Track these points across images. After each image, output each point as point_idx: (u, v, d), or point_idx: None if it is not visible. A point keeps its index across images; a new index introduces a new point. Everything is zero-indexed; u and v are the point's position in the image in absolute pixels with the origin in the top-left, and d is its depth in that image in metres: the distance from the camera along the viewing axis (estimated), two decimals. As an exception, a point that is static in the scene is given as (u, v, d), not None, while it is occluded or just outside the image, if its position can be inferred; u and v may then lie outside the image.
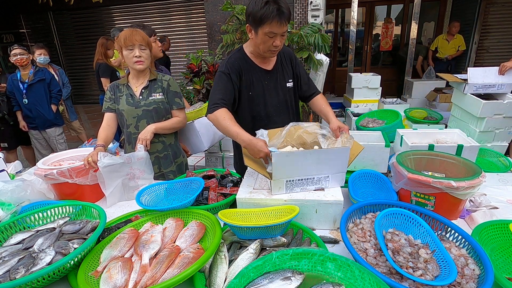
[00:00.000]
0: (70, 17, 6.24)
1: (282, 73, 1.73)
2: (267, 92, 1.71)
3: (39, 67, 3.56)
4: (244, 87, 1.66)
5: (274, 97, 1.73)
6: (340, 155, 1.25)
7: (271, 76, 1.70)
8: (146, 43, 1.76)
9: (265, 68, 1.69)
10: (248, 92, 1.68)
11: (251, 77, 1.65)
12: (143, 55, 1.75)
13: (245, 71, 1.63)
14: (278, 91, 1.73)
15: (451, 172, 1.38)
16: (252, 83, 1.67)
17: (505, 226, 1.10)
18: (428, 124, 3.28)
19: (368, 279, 0.82)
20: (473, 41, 6.02)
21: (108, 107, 1.87)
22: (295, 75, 1.78)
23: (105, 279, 0.91)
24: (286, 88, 1.75)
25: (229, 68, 1.60)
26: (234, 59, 1.63)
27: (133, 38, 1.70)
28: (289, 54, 1.77)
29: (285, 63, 1.75)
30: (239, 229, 1.06)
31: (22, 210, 1.38)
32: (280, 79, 1.73)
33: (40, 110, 3.54)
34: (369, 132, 2.61)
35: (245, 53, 1.66)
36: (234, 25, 3.87)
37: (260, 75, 1.68)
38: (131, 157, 1.62)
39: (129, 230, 1.16)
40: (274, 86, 1.72)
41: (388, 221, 1.09)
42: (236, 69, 1.61)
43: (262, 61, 1.67)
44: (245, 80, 1.65)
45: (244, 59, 1.65)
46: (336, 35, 7.55)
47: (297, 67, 1.78)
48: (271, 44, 1.48)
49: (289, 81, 1.75)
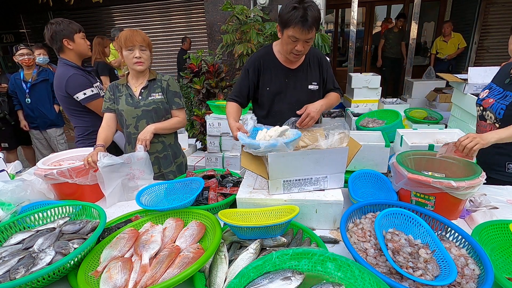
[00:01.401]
0: (70, 17, 6.23)
1: (306, 74, 1.73)
2: (286, 89, 1.72)
3: (42, 67, 3.57)
4: (263, 82, 1.73)
5: (292, 96, 1.73)
6: (338, 155, 1.24)
7: (293, 74, 1.72)
8: (147, 44, 1.76)
9: (289, 66, 1.71)
10: (266, 87, 1.73)
11: (272, 73, 1.71)
12: (143, 56, 1.76)
13: (266, 67, 1.71)
14: (298, 91, 1.73)
15: (451, 172, 1.38)
16: (271, 79, 1.71)
17: (505, 226, 1.10)
18: (428, 124, 3.28)
19: (368, 279, 0.82)
20: (473, 41, 6.02)
21: (107, 107, 1.87)
22: (321, 79, 1.77)
23: (105, 279, 0.91)
24: (308, 89, 1.74)
25: (250, 64, 1.71)
26: (257, 55, 1.73)
27: (134, 39, 1.70)
28: (319, 57, 1.76)
29: (313, 65, 1.74)
30: (239, 229, 1.06)
31: (22, 210, 1.38)
32: (302, 79, 1.73)
33: (42, 110, 3.54)
34: (369, 132, 2.61)
35: (271, 50, 1.73)
36: (234, 25, 3.87)
37: (281, 72, 1.71)
38: (131, 157, 1.62)
39: (129, 230, 1.16)
40: (294, 86, 1.73)
41: (388, 221, 1.09)
42: (256, 65, 1.70)
43: (287, 59, 1.69)
44: (264, 75, 1.72)
45: (269, 55, 1.72)
46: (336, 35, 7.56)
47: (325, 72, 1.77)
48: (293, 48, 1.53)
49: (313, 83, 1.74)
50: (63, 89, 1.99)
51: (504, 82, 1.60)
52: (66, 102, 2.07)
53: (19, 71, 3.50)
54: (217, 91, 3.72)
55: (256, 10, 3.92)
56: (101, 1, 4.83)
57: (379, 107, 4.27)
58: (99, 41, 3.99)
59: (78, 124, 2.15)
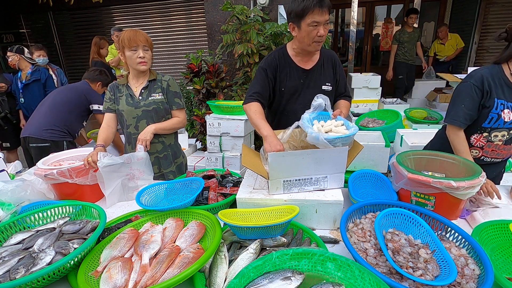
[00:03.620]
0: (70, 17, 6.23)
1: (320, 74, 1.73)
2: (300, 90, 1.73)
3: (37, 67, 3.58)
4: (279, 82, 1.73)
5: (306, 96, 1.72)
6: (338, 155, 1.24)
7: (307, 75, 1.72)
8: (149, 44, 1.77)
9: (303, 67, 1.71)
10: (281, 88, 1.74)
11: (287, 74, 1.71)
12: (147, 56, 1.76)
13: (282, 68, 1.71)
14: (312, 91, 1.71)
15: (451, 172, 1.38)
16: (286, 80, 1.72)
17: (505, 226, 1.10)
18: (428, 124, 3.28)
19: (368, 279, 0.82)
20: (473, 41, 6.01)
21: (108, 107, 1.87)
22: (335, 80, 1.77)
23: (105, 279, 0.91)
24: (322, 90, 1.73)
25: (267, 64, 1.70)
26: (273, 56, 1.73)
27: (137, 38, 1.71)
28: (332, 57, 1.76)
29: (326, 65, 1.74)
30: (239, 229, 1.06)
31: (22, 210, 1.38)
32: (317, 79, 1.73)
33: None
34: (369, 132, 2.62)
35: (286, 51, 1.73)
36: (234, 25, 3.86)
37: (296, 73, 1.71)
38: (131, 157, 1.62)
39: (129, 230, 1.16)
40: (308, 86, 1.73)
41: (388, 221, 1.09)
42: (273, 66, 1.70)
43: (302, 59, 1.70)
44: (280, 76, 1.72)
45: (283, 56, 1.72)
46: (336, 35, 7.56)
47: (338, 74, 1.77)
48: (315, 35, 1.52)
49: (327, 84, 1.74)
50: (90, 96, 2.73)
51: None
52: (77, 101, 2.70)
53: (19, 71, 3.53)
54: (217, 91, 3.72)
55: (256, 10, 3.91)
56: (101, 1, 4.83)
57: (379, 107, 4.27)
58: (96, 41, 4.09)
59: (63, 118, 2.63)
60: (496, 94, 1.49)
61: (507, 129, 1.52)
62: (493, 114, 1.50)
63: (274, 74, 1.72)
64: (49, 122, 2.55)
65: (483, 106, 1.52)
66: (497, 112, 1.49)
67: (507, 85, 1.49)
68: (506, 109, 1.48)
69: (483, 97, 1.50)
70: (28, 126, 2.60)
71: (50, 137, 2.53)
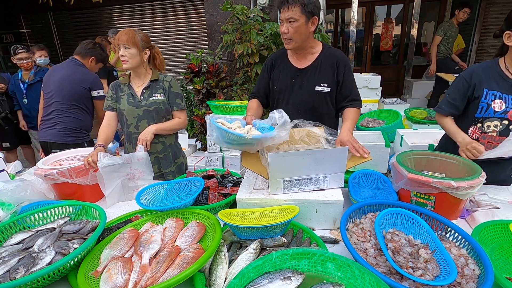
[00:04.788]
0: (70, 17, 6.23)
1: (314, 74, 1.68)
2: (291, 89, 1.72)
3: (40, 67, 3.57)
4: (272, 81, 1.76)
5: (298, 97, 1.70)
6: (338, 155, 1.25)
7: (300, 74, 1.70)
8: (131, 43, 1.73)
9: (297, 66, 1.70)
10: (274, 86, 1.76)
11: (280, 72, 1.73)
12: (126, 54, 1.74)
13: (277, 66, 1.75)
14: (303, 92, 1.69)
15: (451, 172, 1.38)
16: (279, 78, 1.73)
17: (505, 226, 1.10)
18: (428, 124, 3.28)
19: (368, 279, 0.82)
20: (473, 41, 6.01)
21: (109, 106, 1.87)
22: (336, 82, 1.69)
23: (105, 279, 0.91)
24: (315, 91, 1.68)
25: (266, 62, 1.79)
26: (274, 54, 1.79)
27: (119, 37, 1.73)
28: (335, 58, 1.68)
29: (325, 65, 1.68)
30: (239, 229, 1.06)
31: (22, 210, 1.38)
32: (310, 79, 1.68)
33: None
34: (369, 132, 2.62)
35: (285, 50, 1.75)
36: (234, 25, 3.87)
37: (289, 72, 1.72)
38: (131, 157, 1.62)
39: (129, 230, 1.16)
40: (300, 86, 1.70)
41: (388, 221, 1.09)
42: (269, 64, 1.78)
43: (297, 58, 1.70)
44: (274, 73, 1.75)
45: (282, 55, 1.75)
46: (336, 35, 7.55)
47: (341, 75, 1.68)
48: (282, 32, 1.57)
49: (322, 85, 1.67)
50: (87, 82, 2.52)
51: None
52: (80, 94, 2.55)
53: (18, 71, 3.51)
54: (217, 91, 3.72)
55: (256, 10, 3.91)
56: (101, 1, 4.83)
57: (379, 107, 4.27)
58: (98, 42, 4.04)
59: (76, 117, 2.60)
60: (488, 85, 1.56)
61: (498, 119, 1.57)
62: (483, 103, 1.57)
63: (270, 72, 1.75)
64: (64, 127, 2.56)
65: (474, 97, 1.60)
66: (486, 101, 1.56)
67: (502, 77, 1.56)
68: (498, 99, 1.54)
69: (469, 88, 1.60)
70: (45, 129, 2.59)
71: (71, 141, 2.58)
